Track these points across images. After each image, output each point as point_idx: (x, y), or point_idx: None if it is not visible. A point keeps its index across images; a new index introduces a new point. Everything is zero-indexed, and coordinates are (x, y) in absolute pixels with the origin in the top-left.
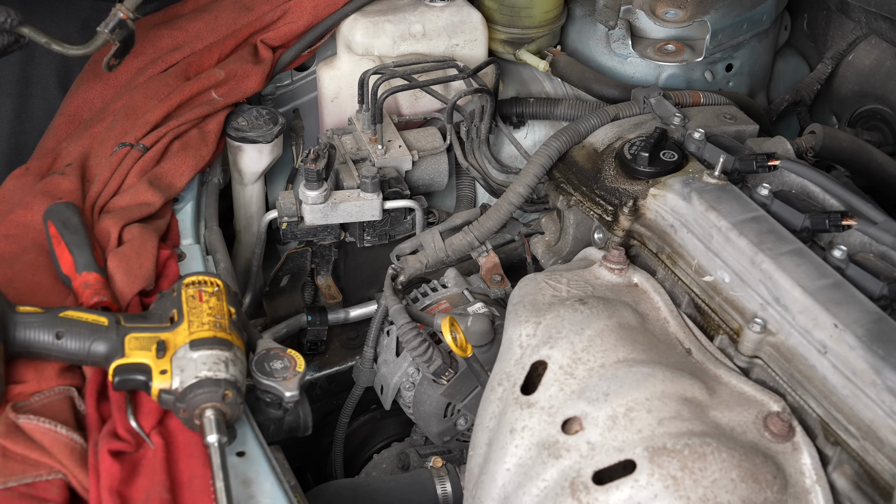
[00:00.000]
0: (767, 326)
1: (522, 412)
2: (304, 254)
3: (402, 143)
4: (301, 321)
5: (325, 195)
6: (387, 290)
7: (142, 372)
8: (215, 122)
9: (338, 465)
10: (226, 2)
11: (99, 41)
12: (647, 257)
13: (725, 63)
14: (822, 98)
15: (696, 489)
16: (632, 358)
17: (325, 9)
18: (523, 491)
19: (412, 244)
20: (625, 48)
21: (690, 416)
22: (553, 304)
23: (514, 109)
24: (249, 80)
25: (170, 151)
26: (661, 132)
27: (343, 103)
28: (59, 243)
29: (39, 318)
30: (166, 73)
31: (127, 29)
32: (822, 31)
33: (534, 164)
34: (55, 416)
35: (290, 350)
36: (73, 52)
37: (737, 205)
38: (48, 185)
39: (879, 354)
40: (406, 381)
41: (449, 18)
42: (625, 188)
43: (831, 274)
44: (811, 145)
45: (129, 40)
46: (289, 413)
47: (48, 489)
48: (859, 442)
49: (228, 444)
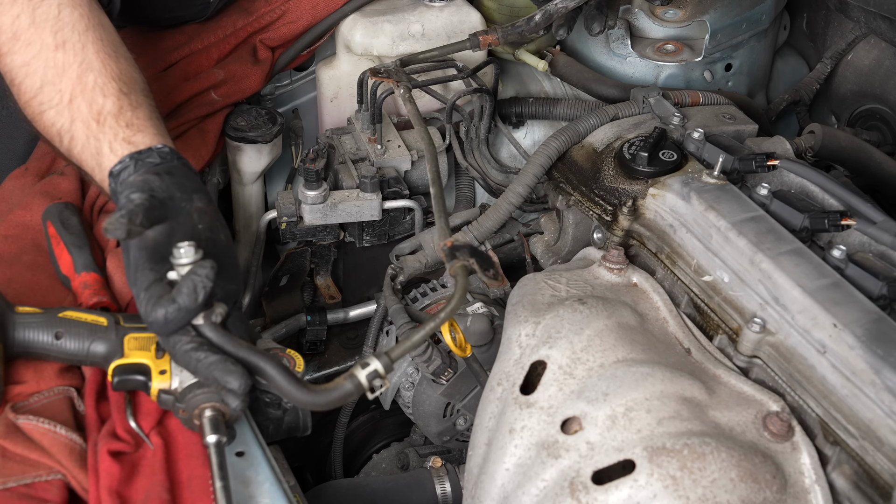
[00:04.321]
0: (766, 326)
1: (522, 412)
2: (303, 254)
3: (401, 143)
4: (300, 321)
5: (324, 195)
6: (386, 289)
7: (141, 372)
8: (214, 123)
9: (337, 465)
10: (225, 2)
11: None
12: (647, 257)
13: (724, 63)
14: (822, 98)
15: (695, 489)
16: (631, 358)
17: (325, 9)
18: (522, 491)
19: (411, 244)
20: (624, 48)
21: (690, 415)
22: (552, 303)
23: (514, 109)
24: (249, 80)
25: None
26: (661, 132)
27: (342, 103)
28: (59, 243)
29: (38, 318)
30: (166, 73)
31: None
32: (821, 31)
33: (533, 163)
34: (54, 416)
35: (290, 350)
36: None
37: (736, 204)
38: (47, 186)
39: (878, 354)
40: (405, 381)
41: (448, 18)
42: (624, 188)
43: (830, 274)
44: (810, 145)
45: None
46: (288, 413)
47: (47, 489)
48: (858, 441)
49: (228, 444)
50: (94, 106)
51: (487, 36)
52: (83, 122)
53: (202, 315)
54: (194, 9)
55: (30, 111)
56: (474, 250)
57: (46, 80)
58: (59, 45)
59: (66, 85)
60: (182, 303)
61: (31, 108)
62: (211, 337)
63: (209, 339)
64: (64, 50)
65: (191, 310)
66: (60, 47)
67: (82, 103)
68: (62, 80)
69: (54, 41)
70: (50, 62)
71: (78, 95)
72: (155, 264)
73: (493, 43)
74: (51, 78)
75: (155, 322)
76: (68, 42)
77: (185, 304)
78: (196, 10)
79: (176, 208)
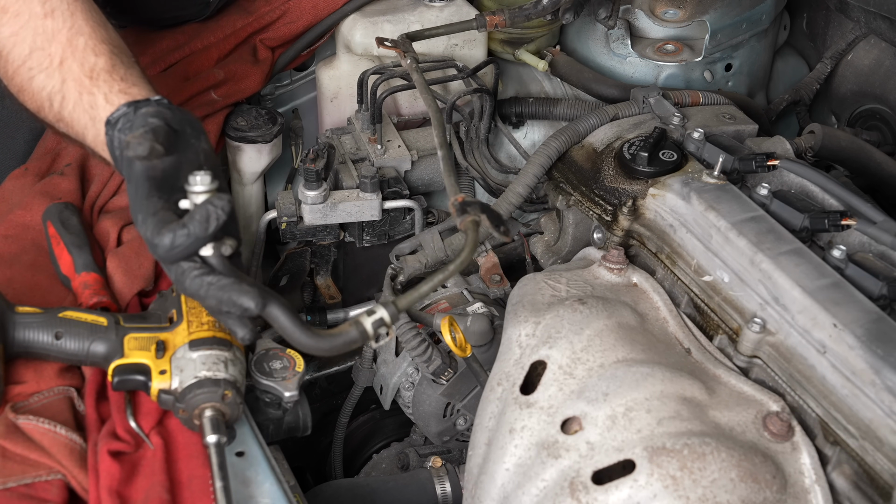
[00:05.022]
0: (767, 326)
1: (522, 412)
2: (303, 254)
3: (401, 143)
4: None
5: (324, 195)
6: (386, 290)
7: (141, 372)
8: (214, 123)
9: (337, 465)
10: (225, 2)
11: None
12: (647, 257)
13: (724, 63)
14: (822, 98)
15: (695, 489)
16: (631, 358)
17: (325, 9)
18: (522, 491)
19: (411, 244)
20: (624, 48)
21: (690, 415)
22: (552, 303)
23: (514, 109)
24: (249, 80)
25: None
26: (661, 132)
27: (342, 103)
28: (59, 243)
29: (38, 318)
30: (166, 72)
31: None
32: (821, 31)
33: (533, 163)
34: (54, 416)
35: (290, 350)
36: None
37: (736, 204)
38: (47, 186)
39: (878, 354)
40: (405, 380)
41: (448, 18)
42: (624, 188)
43: (830, 274)
44: (810, 145)
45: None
46: (288, 413)
47: (48, 489)
48: (858, 441)
49: (228, 444)
50: (85, 64)
51: (494, 17)
52: (75, 80)
53: (211, 245)
54: (194, 8)
55: (18, 79)
56: (485, 206)
57: (36, 46)
58: (47, 13)
59: (56, 49)
60: (192, 229)
61: (19, 76)
62: (217, 266)
63: (215, 268)
64: (53, 17)
65: (200, 238)
66: (49, 15)
67: (73, 63)
68: (52, 45)
69: (42, 10)
70: (39, 29)
71: (69, 57)
72: (164, 192)
73: (500, 24)
74: (40, 44)
75: (160, 245)
76: (57, 10)
77: (196, 231)
78: (196, 9)
79: (185, 143)
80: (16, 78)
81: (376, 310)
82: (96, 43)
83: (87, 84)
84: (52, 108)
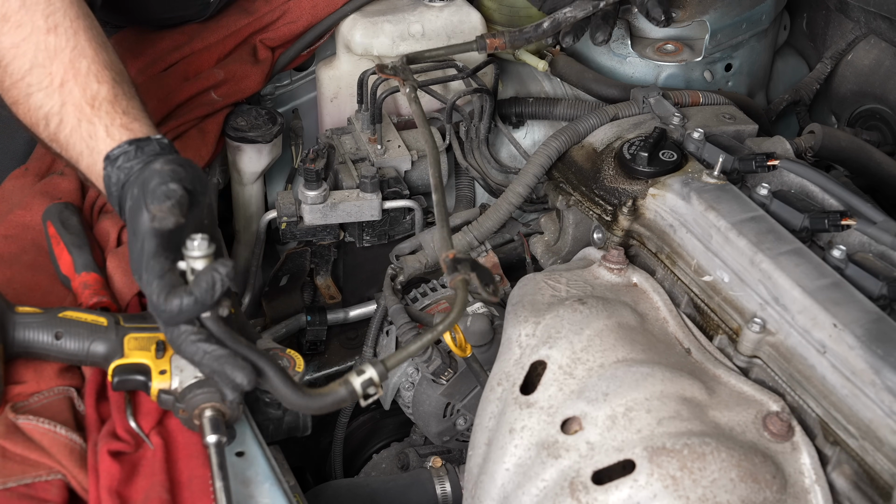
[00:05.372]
0: (767, 326)
1: (522, 412)
2: (303, 254)
3: (401, 143)
4: (300, 321)
5: (324, 195)
6: (386, 290)
7: (141, 372)
8: (214, 123)
9: (337, 465)
10: (225, 2)
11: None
12: (647, 257)
13: (724, 63)
14: (822, 98)
15: (695, 489)
16: (631, 358)
17: (325, 9)
18: (522, 491)
19: (411, 244)
20: (624, 48)
21: (690, 415)
22: (552, 303)
23: (514, 109)
24: (249, 80)
25: None
26: (661, 132)
27: (342, 103)
28: (59, 243)
29: (38, 318)
30: (165, 73)
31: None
32: (821, 31)
33: (533, 163)
34: (54, 416)
35: (290, 350)
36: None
37: (736, 204)
38: (47, 186)
39: (878, 354)
40: (405, 380)
41: (448, 18)
42: (624, 188)
43: (830, 274)
44: (810, 145)
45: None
46: (288, 413)
47: (47, 490)
48: (858, 441)
49: (228, 444)
50: (87, 91)
51: (494, 39)
52: (75, 105)
53: (210, 310)
54: (194, 8)
55: (14, 93)
56: (475, 264)
57: (37, 63)
58: (50, 28)
59: (58, 68)
60: (199, 296)
61: (16, 90)
62: (214, 331)
63: (212, 332)
64: (56, 34)
65: (206, 304)
66: (52, 31)
67: (75, 87)
68: (53, 64)
69: (46, 24)
70: (41, 45)
71: (70, 80)
72: (169, 253)
73: (500, 47)
74: (41, 60)
75: (168, 311)
76: (60, 26)
77: (202, 298)
78: (196, 9)
79: (194, 201)
80: (12, 90)
81: (365, 369)
82: (99, 68)
83: (88, 112)
84: (48, 128)
